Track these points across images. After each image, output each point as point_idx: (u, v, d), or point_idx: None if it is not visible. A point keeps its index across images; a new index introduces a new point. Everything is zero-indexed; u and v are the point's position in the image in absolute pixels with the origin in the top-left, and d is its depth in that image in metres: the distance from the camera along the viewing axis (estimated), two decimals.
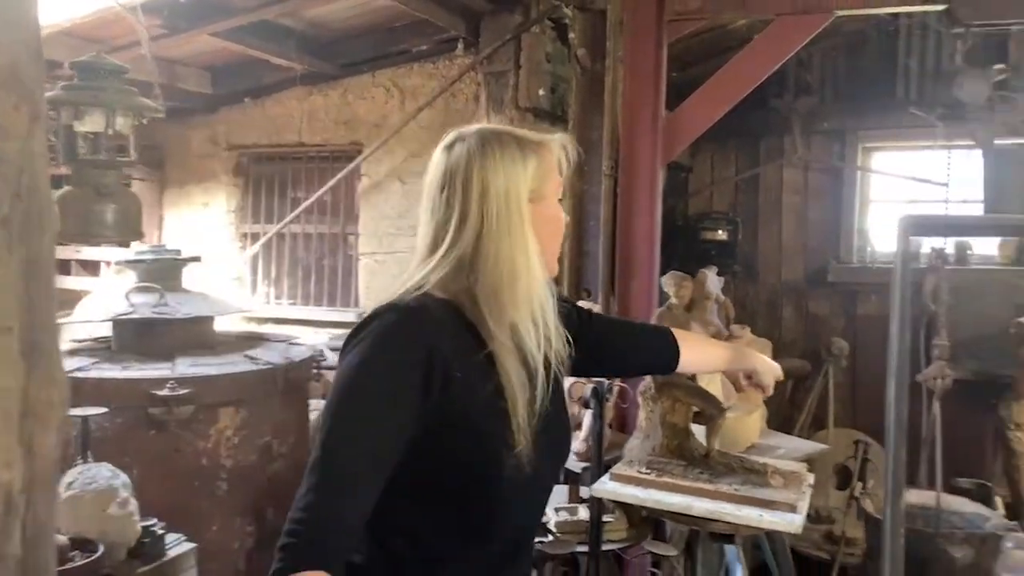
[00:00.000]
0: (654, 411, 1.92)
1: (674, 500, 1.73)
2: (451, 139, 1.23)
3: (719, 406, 1.85)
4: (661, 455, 1.89)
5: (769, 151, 5.54)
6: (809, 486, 1.84)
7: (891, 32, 5.12)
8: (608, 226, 3.54)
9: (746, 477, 1.80)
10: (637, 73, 3.50)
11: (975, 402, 4.66)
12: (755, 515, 1.66)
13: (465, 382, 1.11)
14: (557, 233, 1.27)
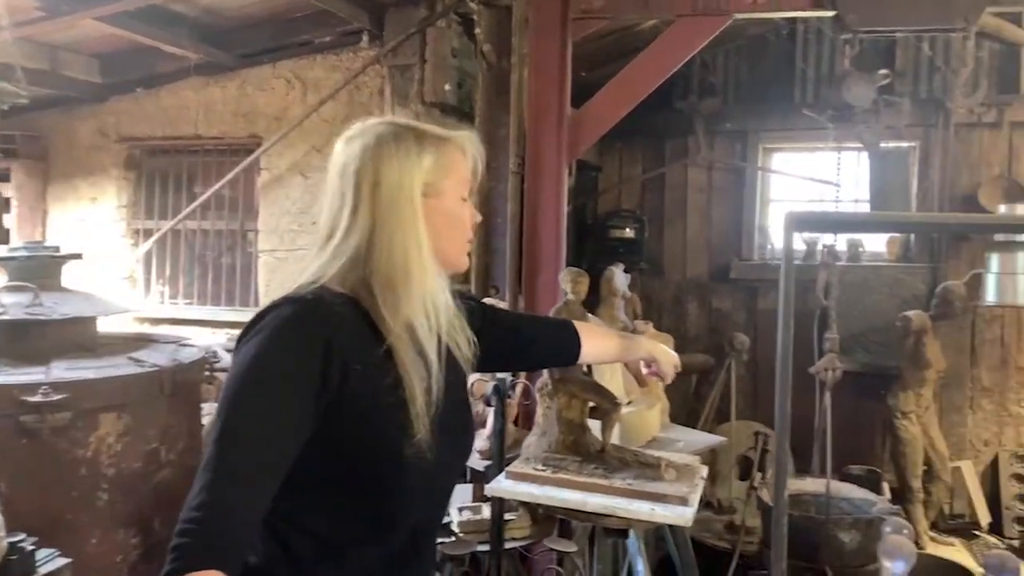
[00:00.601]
0: (550, 407, 1.91)
1: (569, 496, 1.72)
2: (352, 132, 1.23)
3: (614, 401, 1.86)
4: (557, 451, 1.89)
5: (674, 151, 5.66)
6: (702, 479, 1.87)
7: (790, 37, 5.31)
8: (515, 223, 3.53)
9: (640, 471, 1.81)
10: (542, 70, 3.51)
11: (866, 392, 4.89)
12: (647, 509, 1.67)
13: (364, 374, 1.10)
14: (458, 229, 1.26)
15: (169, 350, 2.69)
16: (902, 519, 1.90)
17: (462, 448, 1.31)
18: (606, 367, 2.80)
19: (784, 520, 1.53)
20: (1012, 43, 4.89)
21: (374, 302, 1.15)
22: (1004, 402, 4.88)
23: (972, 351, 4.93)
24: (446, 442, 1.18)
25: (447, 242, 1.24)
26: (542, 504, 1.76)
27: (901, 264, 5.06)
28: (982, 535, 4.61)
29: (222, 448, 1.00)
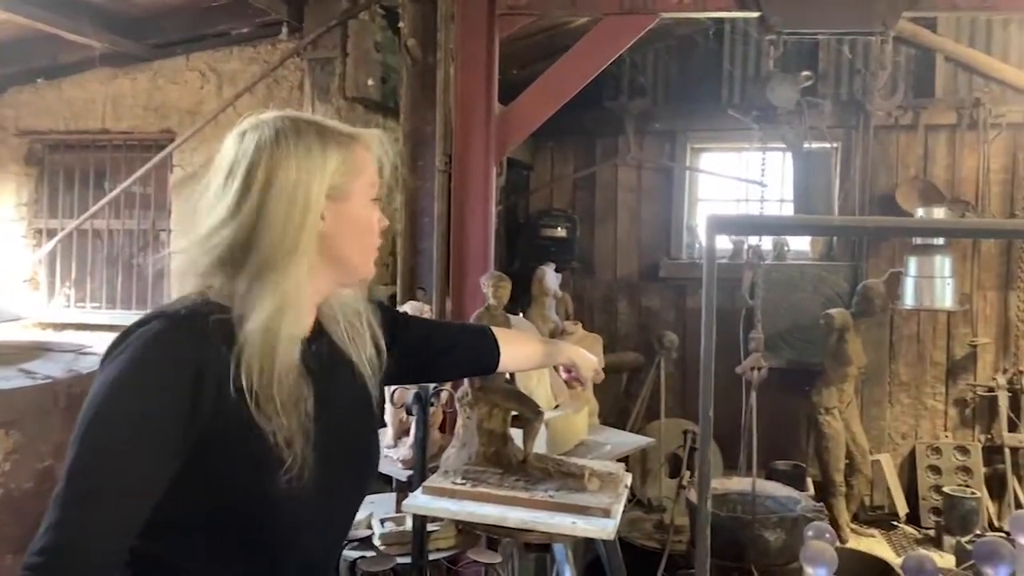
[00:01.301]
0: (471, 418, 1.84)
1: (488, 512, 1.65)
2: (245, 125, 1.10)
3: (536, 410, 1.80)
4: (477, 464, 1.81)
5: (605, 150, 5.66)
6: (626, 487, 1.83)
7: (717, 38, 5.36)
8: (442, 223, 3.44)
9: (563, 482, 1.76)
10: (469, 67, 3.43)
11: (791, 389, 4.98)
12: (568, 523, 1.62)
13: (243, 399, 0.98)
14: (366, 235, 1.16)
15: (66, 360, 2.51)
16: (824, 522, 1.89)
17: (361, 471, 1.20)
18: (534, 371, 2.74)
19: (707, 522, 1.50)
20: (928, 48, 5.06)
21: (240, 313, 1.03)
22: (920, 396, 5.04)
23: (891, 347, 5.07)
24: (339, 468, 1.08)
25: (354, 248, 1.14)
26: (460, 521, 1.69)
27: (824, 262, 5.17)
28: (900, 525, 4.75)
29: (74, 486, 0.88)
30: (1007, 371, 4.84)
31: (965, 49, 4.98)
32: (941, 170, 5.02)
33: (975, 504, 4.41)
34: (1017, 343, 4.83)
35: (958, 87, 5.03)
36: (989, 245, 4.92)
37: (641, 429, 5.23)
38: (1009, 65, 4.92)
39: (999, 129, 4.87)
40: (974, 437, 4.91)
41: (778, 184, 5.11)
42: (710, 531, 2.88)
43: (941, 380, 5.01)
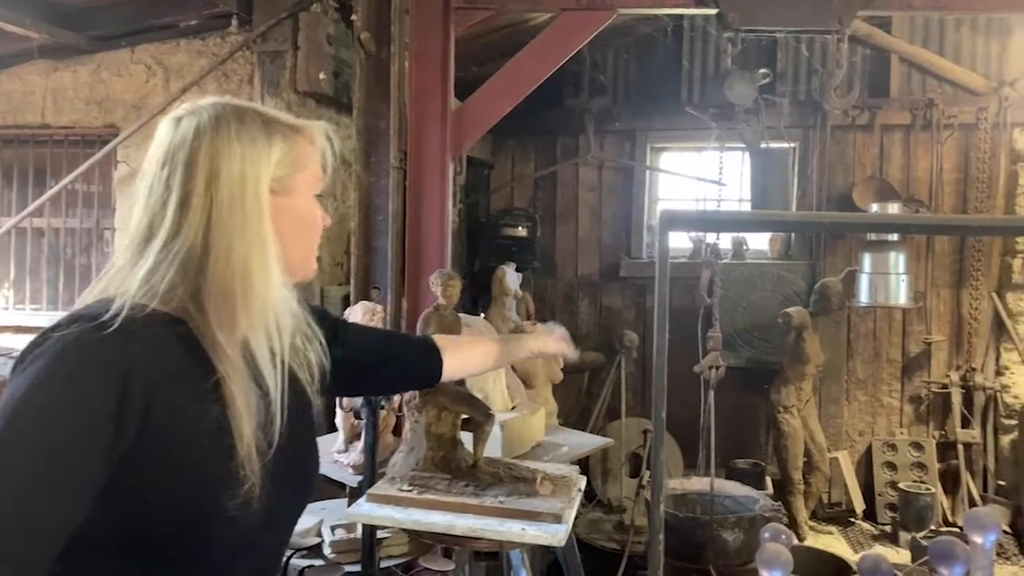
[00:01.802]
0: (418, 422, 1.77)
1: (436, 519, 1.59)
2: (182, 111, 1.01)
3: (487, 412, 1.74)
4: (425, 469, 1.75)
5: (565, 149, 5.62)
6: (579, 491, 1.78)
7: (677, 37, 5.36)
8: (398, 221, 3.36)
9: (513, 487, 1.70)
10: (425, 61, 3.36)
11: (751, 387, 5.00)
12: (518, 530, 1.56)
13: (178, 414, 0.90)
14: (308, 232, 1.09)
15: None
16: (781, 523, 1.86)
17: (303, 487, 1.13)
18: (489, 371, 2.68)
19: (661, 527, 1.45)
20: (883, 49, 5.11)
21: (205, 321, 0.95)
22: (877, 393, 5.09)
23: (848, 345, 5.12)
24: (284, 485, 1.01)
25: (295, 247, 1.07)
26: (406, 529, 1.62)
27: (783, 261, 5.20)
28: (857, 522, 4.79)
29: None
30: (960, 368, 4.91)
31: (919, 50, 5.05)
32: (896, 169, 5.08)
33: (930, 500, 4.46)
34: (970, 340, 4.90)
35: (912, 88, 5.10)
36: (943, 243, 4.99)
37: (602, 429, 5.21)
38: (961, 67, 5.00)
39: (951, 129, 4.94)
40: (928, 433, 4.98)
41: (737, 183, 5.13)
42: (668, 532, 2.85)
43: (897, 377, 5.06)
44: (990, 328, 4.90)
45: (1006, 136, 4.86)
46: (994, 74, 4.94)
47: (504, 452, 2.50)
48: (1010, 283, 4.83)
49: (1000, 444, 4.83)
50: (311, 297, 3.42)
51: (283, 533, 1.13)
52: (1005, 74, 4.90)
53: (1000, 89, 4.86)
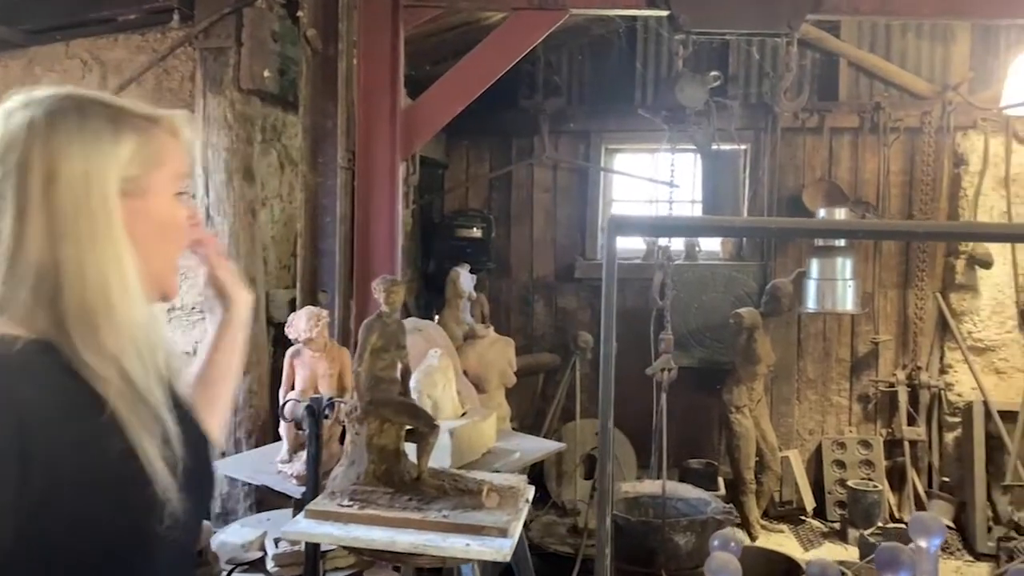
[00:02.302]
0: (360, 434, 1.71)
1: (376, 536, 1.53)
2: (14, 103, 0.89)
3: (431, 422, 1.69)
4: (367, 483, 1.69)
5: (520, 150, 5.59)
6: (527, 501, 1.74)
7: (631, 38, 5.36)
8: (346, 223, 3.29)
9: (459, 500, 1.65)
10: (373, 59, 3.30)
11: (704, 388, 5.03)
12: (462, 545, 1.51)
13: (81, 451, 0.83)
14: (171, 238, 0.98)
15: None
16: (731, 529, 1.84)
17: (204, 498, 1.07)
18: (439, 376, 2.63)
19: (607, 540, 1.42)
20: (832, 53, 5.19)
21: (73, 346, 0.86)
22: (827, 392, 5.16)
23: (798, 345, 5.18)
24: (187, 501, 0.96)
25: (153, 258, 0.94)
26: (346, 547, 1.56)
27: (734, 262, 5.24)
28: (808, 520, 4.85)
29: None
30: (906, 367, 5.01)
31: (866, 55, 5.13)
32: (845, 172, 5.16)
33: (877, 497, 4.54)
34: (915, 340, 5.00)
35: (860, 92, 5.18)
36: (890, 245, 5.07)
37: (557, 431, 5.19)
38: (907, 71, 5.09)
39: (898, 133, 5.03)
40: (876, 431, 5.06)
41: (690, 185, 5.15)
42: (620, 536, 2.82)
43: (846, 377, 5.14)
44: (935, 328, 5.01)
45: (949, 140, 4.97)
46: (938, 79, 5.04)
47: (454, 460, 2.45)
48: (953, 284, 4.94)
49: (944, 441, 4.94)
50: (256, 302, 3.33)
51: (191, 551, 1.11)
52: (948, 79, 5.00)
53: (944, 94, 4.96)
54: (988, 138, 4.91)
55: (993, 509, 4.60)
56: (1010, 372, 4.86)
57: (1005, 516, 4.50)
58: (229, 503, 3.26)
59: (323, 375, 2.54)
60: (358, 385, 1.70)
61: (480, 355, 3.50)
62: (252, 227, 3.34)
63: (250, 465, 2.71)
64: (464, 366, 3.41)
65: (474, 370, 3.44)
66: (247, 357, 3.32)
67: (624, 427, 5.05)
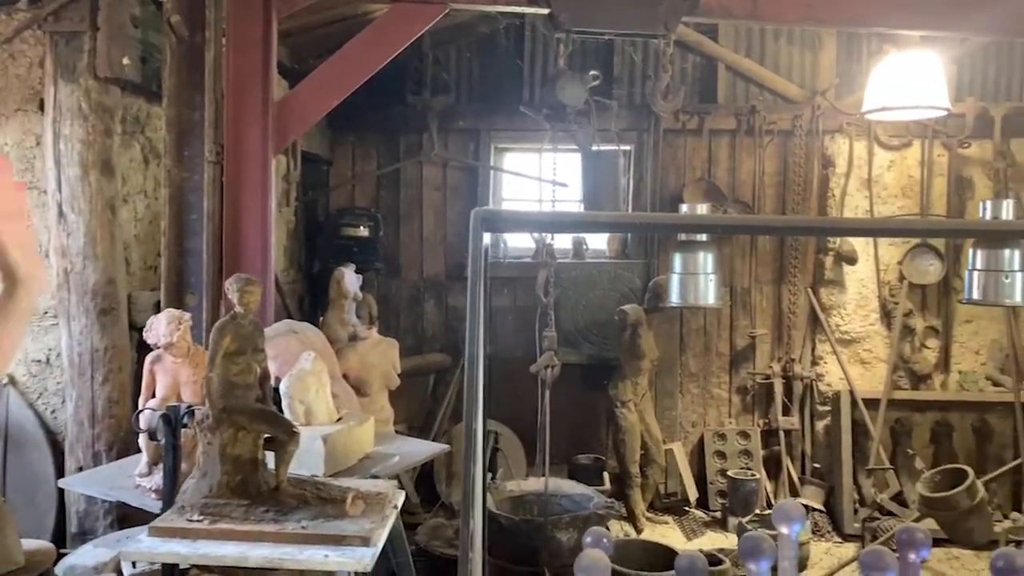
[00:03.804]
0: (212, 444, 1.61)
1: (227, 551, 1.43)
2: None
3: (290, 429, 1.60)
4: (220, 495, 1.59)
5: (409, 147, 5.50)
6: (395, 507, 1.67)
7: (518, 37, 5.37)
8: (214, 220, 3.12)
9: (320, 509, 1.58)
10: (243, 49, 3.15)
11: (592, 383, 5.10)
12: (320, 556, 1.44)
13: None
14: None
15: None
16: (602, 528, 1.84)
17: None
18: (311, 380, 2.52)
19: (469, 546, 1.38)
20: (711, 57, 5.36)
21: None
22: (708, 386, 5.33)
23: (681, 340, 5.33)
24: None
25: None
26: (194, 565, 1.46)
27: (620, 260, 5.34)
28: (691, 510, 4.99)
29: None
30: (781, 359, 5.23)
31: (743, 59, 5.33)
32: (723, 172, 5.34)
33: (754, 485, 4.72)
34: (789, 333, 5.24)
35: (737, 95, 5.37)
36: (765, 243, 5.30)
37: (447, 432, 5.14)
38: (780, 76, 5.32)
39: (771, 135, 5.25)
40: (754, 422, 5.27)
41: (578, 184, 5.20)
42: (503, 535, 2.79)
43: (725, 370, 5.33)
44: (807, 321, 5.26)
45: (818, 143, 5.23)
46: (808, 84, 5.30)
47: (328, 467, 2.36)
48: (823, 279, 5.21)
49: (816, 429, 5.20)
50: (118, 304, 3.11)
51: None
52: (817, 84, 5.26)
53: (813, 99, 5.21)
54: (853, 141, 5.20)
55: (859, 492, 4.88)
56: (874, 362, 5.17)
57: (869, 498, 4.78)
58: (87, 522, 3.04)
59: (186, 382, 2.39)
60: (210, 391, 1.59)
61: (362, 357, 3.41)
62: (111, 225, 3.13)
63: (107, 480, 2.53)
64: (345, 369, 3.31)
65: (355, 373, 3.34)
66: (107, 364, 3.10)
67: (515, 425, 5.06)
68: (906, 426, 5.03)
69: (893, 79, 4.40)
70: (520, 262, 5.29)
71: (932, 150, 5.15)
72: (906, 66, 4.37)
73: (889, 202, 5.21)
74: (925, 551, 1.55)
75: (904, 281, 5.09)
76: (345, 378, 3.27)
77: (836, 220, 4.21)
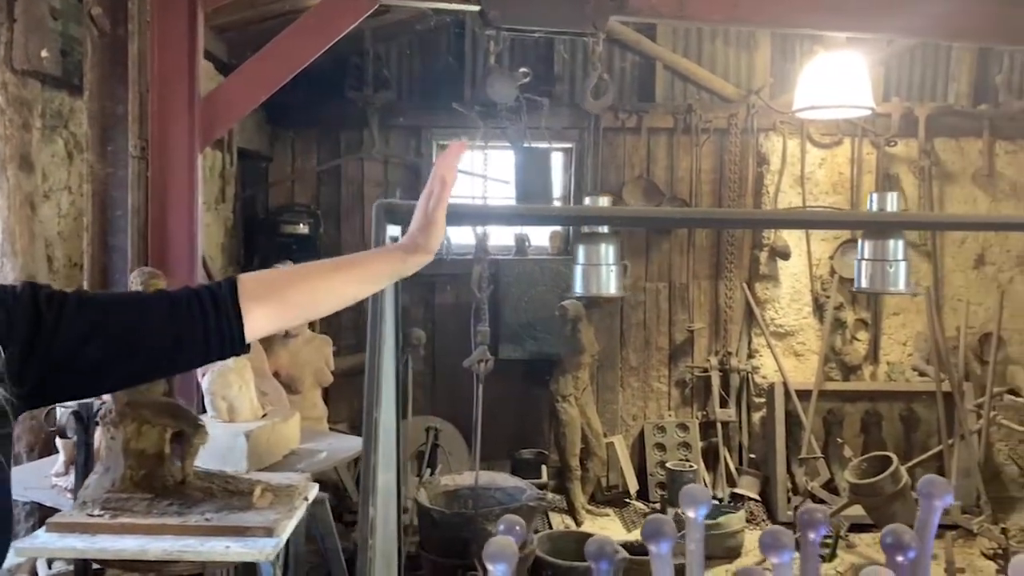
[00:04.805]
0: (115, 438, 1.59)
1: (126, 545, 1.42)
2: None
3: (195, 423, 1.60)
4: (123, 490, 1.57)
5: (349, 143, 5.47)
6: (305, 500, 1.68)
7: (460, 33, 5.38)
8: (139, 216, 3.07)
9: (226, 502, 1.58)
10: (169, 42, 3.10)
11: (535, 379, 5.15)
12: (221, 548, 1.44)
13: None
14: None
15: None
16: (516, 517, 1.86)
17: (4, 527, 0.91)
18: (233, 377, 2.51)
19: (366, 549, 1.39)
20: (649, 56, 5.45)
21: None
22: (648, 379, 5.42)
23: (621, 335, 5.40)
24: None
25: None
26: (92, 560, 1.44)
27: (561, 256, 5.38)
28: (632, 502, 5.07)
29: None
30: (718, 353, 5.35)
31: (680, 59, 5.42)
32: (662, 170, 5.43)
33: (692, 476, 4.81)
34: (726, 327, 5.35)
35: (675, 94, 5.47)
36: (702, 239, 5.40)
37: None
38: (716, 76, 5.43)
39: (708, 134, 5.36)
40: (693, 414, 5.37)
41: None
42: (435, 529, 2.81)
43: (665, 364, 5.42)
44: (743, 315, 5.38)
45: (753, 141, 5.35)
46: (743, 83, 5.42)
47: (251, 464, 2.35)
48: (758, 274, 5.33)
49: (752, 421, 5.32)
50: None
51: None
52: (752, 84, 5.38)
53: (748, 97, 5.33)
54: (786, 139, 5.34)
55: (792, 481, 5.01)
56: (807, 355, 5.31)
57: (802, 486, 4.91)
58: None
59: None
60: None
61: (293, 354, 3.39)
62: (31, 222, 3.05)
63: (23, 480, 2.48)
64: (275, 366, 3.29)
65: (286, 370, 3.32)
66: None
67: (456, 421, 5.07)
68: (837, 416, 5.18)
69: (821, 79, 4.53)
70: (463, 259, 5.30)
71: (861, 148, 5.31)
72: (833, 67, 4.50)
73: (821, 198, 5.35)
74: (823, 530, 1.63)
75: (835, 275, 5.24)
76: (276, 375, 3.25)
77: (721, 212, 4.30)
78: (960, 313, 5.14)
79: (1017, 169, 5.33)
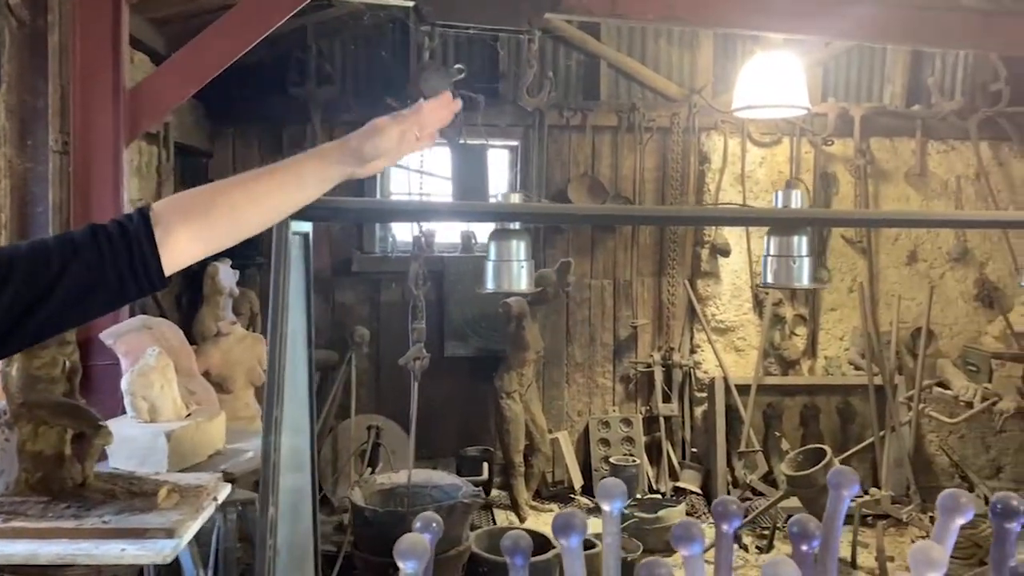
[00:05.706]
0: (10, 440, 1.54)
1: (16, 550, 1.38)
2: None
3: (95, 424, 1.56)
4: (18, 493, 1.53)
5: (292, 139, 5.39)
6: (214, 499, 1.65)
7: (405, 29, 5.34)
8: (61, 213, 2.99)
9: (128, 504, 1.54)
10: (92, 34, 3.03)
11: (480, 376, 5.14)
12: (117, 551, 1.41)
13: None
14: None
15: None
16: (433, 514, 1.86)
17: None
18: (155, 376, 2.45)
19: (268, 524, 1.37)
20: (593, 55, 5.48)
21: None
22: (593, 375, 5.46)
23: (567, 331, 5.43)
24: None
25: None
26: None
27: None
28: (577, 498, 5.10)
29: None
30: (661, 348, 5.41)
31: (624, 58, 5.46)
32: (606, 168, 5.47)
33: (635, 471, 4.87)
34: (669, 323, 5.42)
35: (619, 92, 5.51)
36: (646, 236, 5.46)
37: (333, 428, 5.08)
38: (660, 75, 5.49)
39: (651, 132, 5.41)
40: (636, 409, 5.43)
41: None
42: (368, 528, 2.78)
43: (609, 359, 5.47)
44: (685, 311, 5.45)
45: (695, 140, 5.41)
46: (686, 83, 5.48)
47: (172, 464, 2.30)
48: (700, 271, 5.41)
49: (694, 415, 5.39)
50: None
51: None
52: (695, 83, 5.45)
53: (690, 97, 5.39)
54: (727, 138, 5.41)
55: (732, 474, 5.09)
56: (747, 350, 5.40)
57: (741, 480, 4.99)
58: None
59: None
60: (7, 386, 1.53)
61: (224, 353, 3.33)
62: None
63: None
64: (206, 365, 3.23)
65: (217, 369, 3.26)
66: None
67: (401, 419, 5.04)
68: (777, 410, 5.28)
69: (758, 79, 4.61)
70: (408, 257, 5.26)
71: (800, 147, 5.42)
72: (769, 67, 4.59)
73: (761, 196, 5.44)
74: (736, 521, 1.65)
75: None
76: (207, 375, 3.19)
77: (646, 209, 4.34)
78: (894, 308, 5.27)
79: (947, 168, 5.49)
